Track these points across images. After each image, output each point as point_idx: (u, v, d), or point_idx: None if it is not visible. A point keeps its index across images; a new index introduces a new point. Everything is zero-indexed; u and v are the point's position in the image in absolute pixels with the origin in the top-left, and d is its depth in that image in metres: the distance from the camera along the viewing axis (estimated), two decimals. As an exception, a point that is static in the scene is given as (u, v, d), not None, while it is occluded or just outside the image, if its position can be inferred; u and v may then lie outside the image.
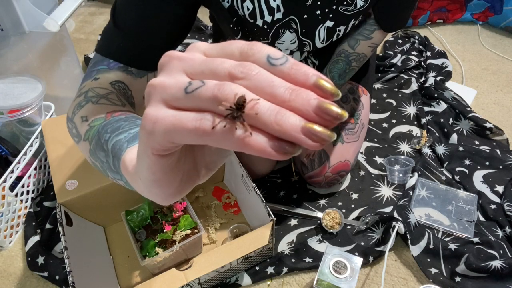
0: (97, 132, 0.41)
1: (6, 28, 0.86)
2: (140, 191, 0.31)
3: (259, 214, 0.74)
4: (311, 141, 0.19)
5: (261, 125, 0.20)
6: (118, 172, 0.35)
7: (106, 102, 0.47)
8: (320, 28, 0.70)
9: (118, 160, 0.34)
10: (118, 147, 0.35)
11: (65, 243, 0.64)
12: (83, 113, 0.46)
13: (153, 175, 0.25)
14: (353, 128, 0.89)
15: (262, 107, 0.20)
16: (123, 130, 0.37)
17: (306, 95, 0.20)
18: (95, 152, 0.40)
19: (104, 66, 0.52)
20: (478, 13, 1.49)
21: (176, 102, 0.21)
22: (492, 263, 0.73)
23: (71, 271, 0.61)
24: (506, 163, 0.95)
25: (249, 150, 0.20)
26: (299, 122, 0.19)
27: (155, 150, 0.23)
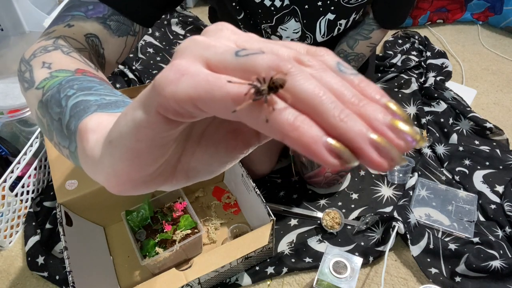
0: (58, 83, 0.33)
1: (6, 28, 0.86)
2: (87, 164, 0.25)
3: (259, 214, 0.74)
4: (376, 156, 0.16)
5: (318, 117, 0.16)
6: (69, 137, 0.28)
7: (77, 57, 0.40)
8: (321, 21, 0.69)
9: (76, 121, 0.27)
10: (83, 107, 0.28)
11: (65, 243, 0.64)
12: (47, 59, 0.38)
13: (136, 143, 0.20)
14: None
15: (328, 98, 0.16)
16: (95, 93, 0.31)
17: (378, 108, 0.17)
18: (46, 106, 0.33)
19: (81, 13, 0.46)
20: (478, 13, 1.49)
21: (219, 63, 0.18)
22: (492, 263, 0.73)
23: (71, 271, 0.61)
24: (506, 163, 0.95)
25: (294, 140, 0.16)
26: (368, 131, 0.16)
27: (164, 109, 0.18)
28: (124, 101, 0.30)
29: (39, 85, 0.35)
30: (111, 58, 0.50)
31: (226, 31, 0.20)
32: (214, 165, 0.23)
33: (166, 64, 1.40)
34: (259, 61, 0.17)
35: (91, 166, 0.24)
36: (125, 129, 0.20)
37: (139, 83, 1.20)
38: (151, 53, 1.33)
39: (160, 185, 0.23)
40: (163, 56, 1.33)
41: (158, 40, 1.39)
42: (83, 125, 0.26)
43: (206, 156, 0.23)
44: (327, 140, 0.16)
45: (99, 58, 0.48)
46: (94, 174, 0.25)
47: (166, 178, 0.23)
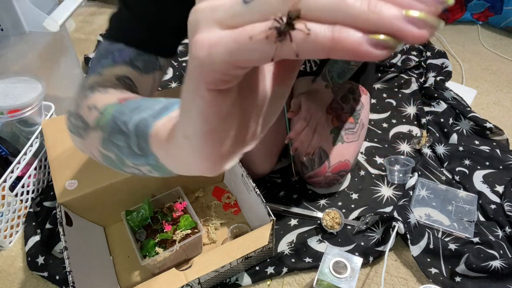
0: (111, 116, 0.36)
1: (6, 28, 0.86)
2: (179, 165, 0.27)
3: (259, 214, 0.74)
4: (417, 29, 0.16)
5: (350, 18, 0.16)
6: (145, 153, 0.31)
7: (114, 92, 0.43)
8: None
9: (144, 138, 0.30)
10: (142, 125, 0.31)
11: (65, 243, 0.64)
12: (90, 102, 0.41)
13: (207, 124, 0.21)
14: (353, 128, 0.89)
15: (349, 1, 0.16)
16: (145, 108, 0.32)
17: None
18: (109, 140, 0.35)
19: (109, 61, 0.50)
20: (478, 13, 1.49)
21: (233, 18, 0.18)
22: (492, 263, 0.73)
23: (71, 271, 0.61)
24: (506, 163, 0.95)
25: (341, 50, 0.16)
26: (398, 10, 0.16)
27: (213, 83, 0.19)
28: (170, 101, 0.32)
29: (95, 126, 0.38)
30: (144, 95, 0.52)
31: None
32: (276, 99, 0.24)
33: (166, 64, 1.38)
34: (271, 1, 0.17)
35: (180, 164, 0.27)
36: (191, 120, 0.22)
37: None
38: (151, 53, 1.33)
39: (245, 148, 0.25)
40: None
41: (158, 40, 1.39)
42: (154, 137, 0.29)
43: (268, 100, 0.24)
44: (369, 37, 0.16)
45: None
46: (187, 170, 0.27)
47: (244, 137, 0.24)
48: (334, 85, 0.82)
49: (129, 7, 0.53)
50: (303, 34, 0.16)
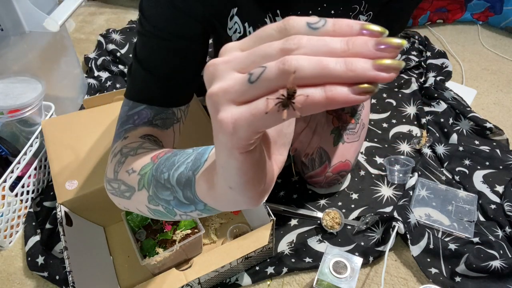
0: (151, 176, 0.40)
1: (6, 28, 0.86)
2: (228, 206, 0.31)
3: (259, 214, 0.74)
4: (386, 74, 0.20)
5: (334, 79, 0.20)
6: (193, 201, 0.35)
7: (144, 151, 0.47)
8: None
9: (190, 188, 0.34)
10: (185, 179, 0.35)
11: (65, 243, 0.64)
12: (126, 167, 0.45)
13: (245, 175, 0.26)
14: (353, 128, 0.89)
15: (330, 62, 0.20)
16: (179, 164, 0.37)
17: (361, 39, 0.20)
18: (156, 196, 0.39)
19: (130, 125, 0.53)
20: (478, 13, 1.49)
21: (243, 96, 0.22)
22: (492, 263, 0.73)
23: (71, 271, 0.61)
24: (506, 163, 0.95)
25: (335, 103, 0.20)
26: (368, 63, 0.20)
27: (242, 148, 0.23)
28: (198, 152, 0.37)
29: (139, 187, 0.42)
30: (169, 146, 0.57)
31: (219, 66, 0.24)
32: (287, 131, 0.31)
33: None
34: (269, 76, 0.21)
35: (230, 205, 0.31)
36: (232, 177, 0.26)
37: (139, 83, 1.20)
38: (151, 53, 1.33)
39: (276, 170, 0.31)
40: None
41: (158, 40, 1.39)
42: (199, 189, 0.33)
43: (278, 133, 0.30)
44: (353, 88, 0.20)
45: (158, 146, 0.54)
46: (236, 207, 0.31)
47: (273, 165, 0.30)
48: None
49: (142, 63, 0.54)
50: (303, 97, 0.20)
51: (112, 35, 1.39)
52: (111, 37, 1.38)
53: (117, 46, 1.33)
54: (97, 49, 1.35)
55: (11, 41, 0.89)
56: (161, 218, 0.42)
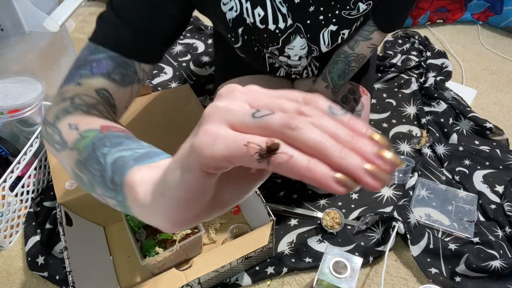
0: (91, 143, 0.38)
1: (6, 28, 0.86)
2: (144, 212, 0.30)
3: (259, 214, 0.74)
4: (371, 180, 0.21)
5: (324, 157, 0.21)
6: (115, 189, 0.33)
7: (97, 114, 0.45)
8: (323, 32, 0.70)
9: (120, 176, 0.33)
10: (122, 163, 0.33)
11: (65, 243, 0.64)
12: (72, 120, 0.43)
13: (186, 193, 0.25)
14: (353, 128, 0.89)
15: (330, 141, 0.21)
16: (127, 148, 0.36)
17: (367, 140, 0.22)
18: (85, 164, 0.37)
19: (87, 71, 0.51)
20: (478, 13, 1.49)
21: (240, 125, 0.22)
22: (492, 263, 0.73)
23: (71, 271, 0.61)
24: (506, 163, 0.95)
25: (310, 177, 0.21)
26: (362, 163, 0.21)
27: (206, 167, 0.23)
28: (152, 151, 0.35)
29: (72, 146, 0.40)
30: (121, 106, 0.54)
31: (237, 92, 0.25)
32: (242, 193, 0.29)
33: (166, 64, 1.39)
34: (273, 121, 0.22)
35: (145, 213, 0.30)
36: (175, 185, 0.25)
37: (139, 83, 1.20)
38: (151, 53, 1.33)
39: (205, 218, 0.29)
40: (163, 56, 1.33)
41: (158, 40, 1.39)
42: (129, 180, 0.31)
43: (235, 189, 0.28)
44: (335, 175, 0.21)
45: (111, 107, 0.52)
46: (148, 219, 0.30)
47: (208, 212, 0.28)
48: (334, 86, 0.82)
49: (116, 10, 0.53)
50: (286, 157, 0.21)
51: (112, 35, 1.39)
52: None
53: (117, 46, 1.33)
54: (97, 49, 1.35)
55: (11, 41, 0.89)
56: (81, 185, 0.40)
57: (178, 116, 0.88)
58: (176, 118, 0.87)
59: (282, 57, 0.75)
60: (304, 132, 0.21)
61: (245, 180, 0.28)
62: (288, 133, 0.21)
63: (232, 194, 0.28)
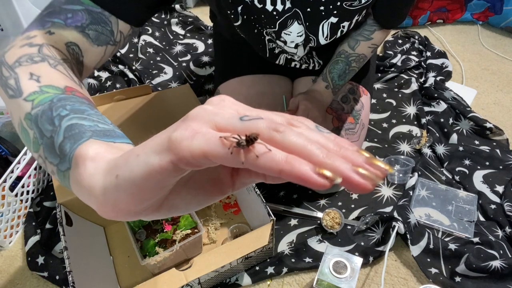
0: (49, 100, 0.34)
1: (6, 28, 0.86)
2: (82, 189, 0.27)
3: (259, 214, 0.74)
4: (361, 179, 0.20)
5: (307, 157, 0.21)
6: (61, 157, 0.30)
7: (64, 72, 0.41)
8: (323, 24, 0.70)
9: (72, 144, 0.30)
10: (78, 131, 0.30)
11: (65, 243, 0.64)
12: (35, 70, 0.38)
13: (144, 182, 0.23)
14: (353, 128, 0.89)
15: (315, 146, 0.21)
16: (88, 118, 0.32)
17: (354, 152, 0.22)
18: (36, 120, 0.34)
19: (61, 21, 0.46)
20: (478, 13, 1.49)
21: (226, 127, 0.22)
22: (492, 263, 0.73)
23: (71, 271, 0.61)
24: (506, 163, 0.95)
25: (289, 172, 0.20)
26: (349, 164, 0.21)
27: (178, 160, 0.22)
28: (115, 131, 0.32)
29: (28, 97, 0.36)
30: (89, 65, 0.51)
31: (228, 102, 0.25)
32: (192, 204, 0.27)
33: (166, 64, 1.39)
34: (260, 124, 0.22)
35: (86, 191, 0.27)
36: (136, 169, 0.24)
37: (139, 83, 1.20)
38: (151, 53, 1.33)
39: (146, 216, 0.27)
40: (163, 56, 1.33)
41: (158, 40, 1.39)
42: (81, 152, 0.28)
43: (188, 196, 0.27)
44: (316, 168, 0.20)
45: (78, 65, 0.49)
46: (86, 198, 0.28)
47: (152, 211, 0.26)
48: (334, 86, 0.82)
49: None
50: (264, 149, 0.21)
51: (112, 35, 1.39)
52: (111, 37, 1.38)
53: (117, 46, 1.33)
54: (97, 49, 1.35)
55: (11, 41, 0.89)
56: (23, 141, 0.37)
57: (178, 116, 0.87)
58: (176, 118, 0.87)
59: (279, 41, 0.75)
60: (290, 134, 0.21)
61: (202, 191, 0.27)
62: (274, 135, 0.21)
63: (183, 201, 0.27)
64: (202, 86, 1.21)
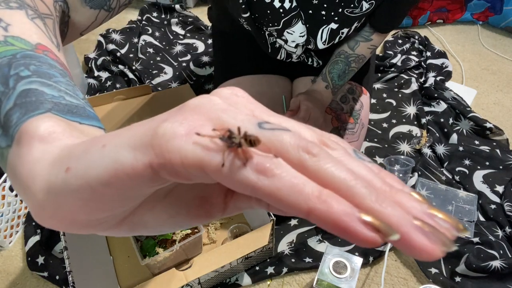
0: (11, 55, 0.27)
1: None
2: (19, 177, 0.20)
3: (259, 214, 0.74)
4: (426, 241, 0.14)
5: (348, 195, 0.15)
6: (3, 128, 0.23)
7: (41, 27, 0.33)
8: (323, 29, 0.70)
9: (22, 114, 0.22)
10: (35, 99, 0.23)
11: (65, 243, 0.64)
12: (6, 17, 0.30)
13: (104, 187, 0.17)
14: (352, 128, 0.89)
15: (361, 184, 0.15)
16: (54, 85, 0.25)
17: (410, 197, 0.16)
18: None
19: None
20: (478, 13, 1.49)
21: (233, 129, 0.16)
22: (492, 263, 0.73)
23: (71, 271, 0.61)
24: (506, 163, 0.95)
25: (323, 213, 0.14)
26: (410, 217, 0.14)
27: (160, 165, 0.16)
28: (85, 109, 0.25)
29: None
30: (75, 29, 0.43)
31: (242, 98, 0.18)
32: (166, 226, 0.21)
33: (166, 64, 1.38)
34: (287, 139, 0.16)
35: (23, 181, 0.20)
36: (97, 166, 0.17)
37: (139, 83, 1.20)
38: (151, 53, 1.33)
39: (98, 231, 0.20)
40: (163, 56, 1.33)
41: (158, 40, 1.39)
42: (31, 126, 0.21)
43: (164, 214, 0.20)
44: (361, 215, 0.14)
45: (62, 25, 0.41)
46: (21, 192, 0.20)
47: (109, 227, 0.20)
48: (334, 86, 0.82)
49: None
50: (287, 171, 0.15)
51: (112, 35, 1.39)
52: (111, 37, 1.38)
53: (117, 46, 1.33)
54: (97, 49, 1.35)
55: None
56: None
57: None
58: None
59: (280, 40, 0.75)
60: (327, 161, 0.15)
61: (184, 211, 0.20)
62: (304, 159, 0.15)
63: (155, 220, 0.20)
64: (202, 86, 1.21)
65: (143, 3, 1.54)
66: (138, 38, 1.39)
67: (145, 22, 1.46)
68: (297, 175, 0.15)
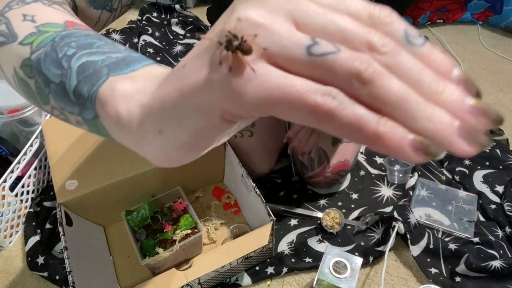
0: (51, 40, 0.29)
1: None
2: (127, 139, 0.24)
3: (259, 214, 0.74)
4: (468, 147, 0.15)
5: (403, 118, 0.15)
6: (80, 104, 0.26)
7: (59, 8, 0.35)
8: None
9: (89, 87, 0.25)
10: (92, 70, 0.26)
11: (65, 243, 0.64)
12: (28, 11, 0.33)
13: (195, 140, 0.20)
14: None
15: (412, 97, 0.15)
16: (99, 51, 0.28)
17: (459, 92, 0.16)
18: (38, 65, 0.29)
19: None
20: (478, 13, 1.49)
21: (288, 61, 0.16)
22: (492, 263, 0.73)
23: (71, 271, 0.61)
24: (506, 163, 0.95)
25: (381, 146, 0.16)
26: (455, 123, 0.15)
27: (230, 115, 0.17)
28: (131, 55, 0.28)
29: (24, 40, 0.31)
30: None
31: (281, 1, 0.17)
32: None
33: (166, 64, 1.39)
34: (338, 64, 0.15)
35: (130, 139, 0.23)
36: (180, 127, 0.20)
37: (139, 83, 1.20)
38: (151, 53, 1.33)
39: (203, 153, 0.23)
40: (163, 56, 1.33)
41: (158, 40, 1.39)
42: (105, 95, 0.24)
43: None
44: (413, 138, 0.15)
45: None
46: (137, 148, 0.24)
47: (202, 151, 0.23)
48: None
49: None
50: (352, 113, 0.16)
51: (112, 35, 1.39)
52: (111, 37, 1.38)
53: (117, 46, 1.33)
54: (97, 49, 1.35)
55: None
56: (24, 96, 0.32)
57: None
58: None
59: None
60: (380, 85, 0.15)
61: None
62: (357, 87, 0.15)
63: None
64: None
65: (143, 3, 1.54)
66: (138, 38, 1.39)
67: (145, 22, 1.46)
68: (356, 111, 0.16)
